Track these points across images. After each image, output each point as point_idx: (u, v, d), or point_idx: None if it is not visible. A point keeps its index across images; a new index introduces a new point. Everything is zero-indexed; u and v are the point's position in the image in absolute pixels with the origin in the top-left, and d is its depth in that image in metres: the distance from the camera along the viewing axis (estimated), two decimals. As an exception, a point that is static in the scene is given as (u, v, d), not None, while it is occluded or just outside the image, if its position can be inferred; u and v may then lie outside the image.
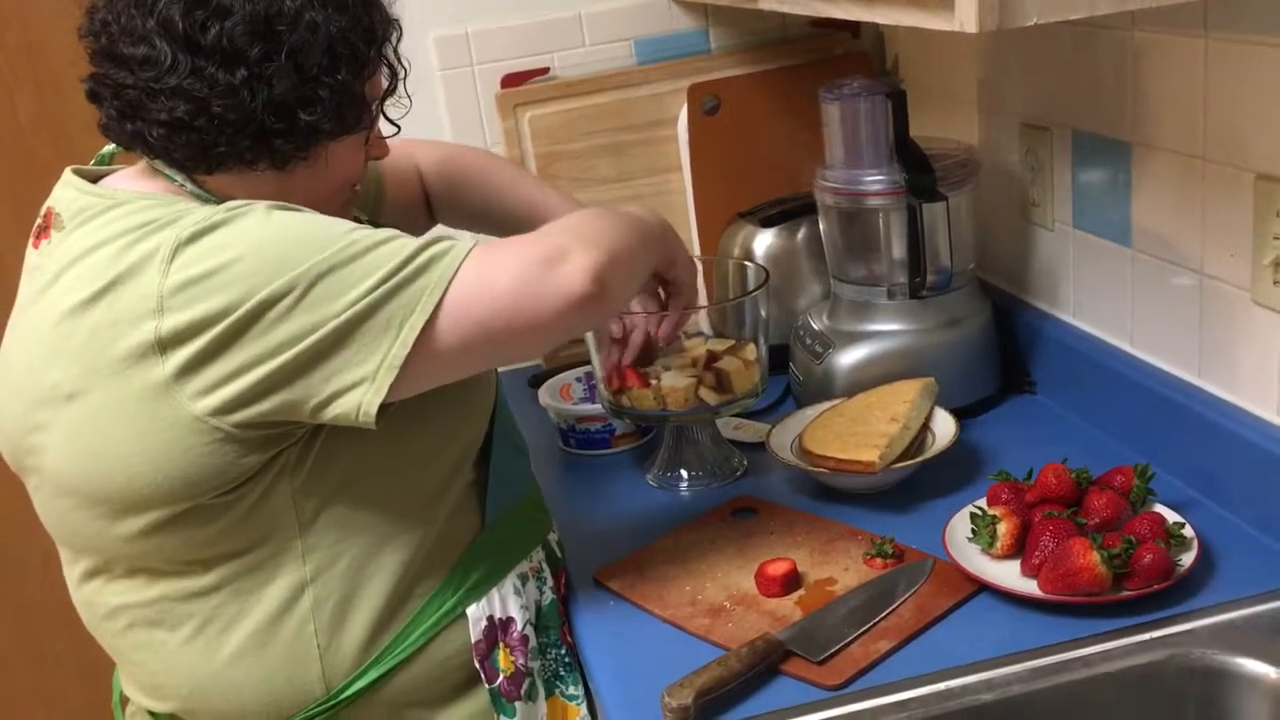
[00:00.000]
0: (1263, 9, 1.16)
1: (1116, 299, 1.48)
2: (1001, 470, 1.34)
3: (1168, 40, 1.30)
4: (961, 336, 1.61)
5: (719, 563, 1.34)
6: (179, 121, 1.09)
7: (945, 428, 1.47)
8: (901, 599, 1.23)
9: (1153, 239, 1.40)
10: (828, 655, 1.15)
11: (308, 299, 1.04)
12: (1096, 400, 1.51)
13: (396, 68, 1.21)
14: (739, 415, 1.60)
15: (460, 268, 1.07)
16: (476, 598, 1.23)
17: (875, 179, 1.57)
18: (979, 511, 1.27)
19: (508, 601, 1.25)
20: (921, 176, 1.53)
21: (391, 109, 1.23)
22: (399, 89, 1.22)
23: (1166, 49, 1.31)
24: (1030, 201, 1.62)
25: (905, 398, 1.48)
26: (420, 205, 1.56)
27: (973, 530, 1.26)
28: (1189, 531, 1.22)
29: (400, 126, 1.27)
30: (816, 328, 1.66)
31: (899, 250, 1.58)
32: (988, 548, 1.24)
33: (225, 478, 1.09)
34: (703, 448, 1.55)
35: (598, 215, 1.22)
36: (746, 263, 1.64)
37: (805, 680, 1.14)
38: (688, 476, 1.54)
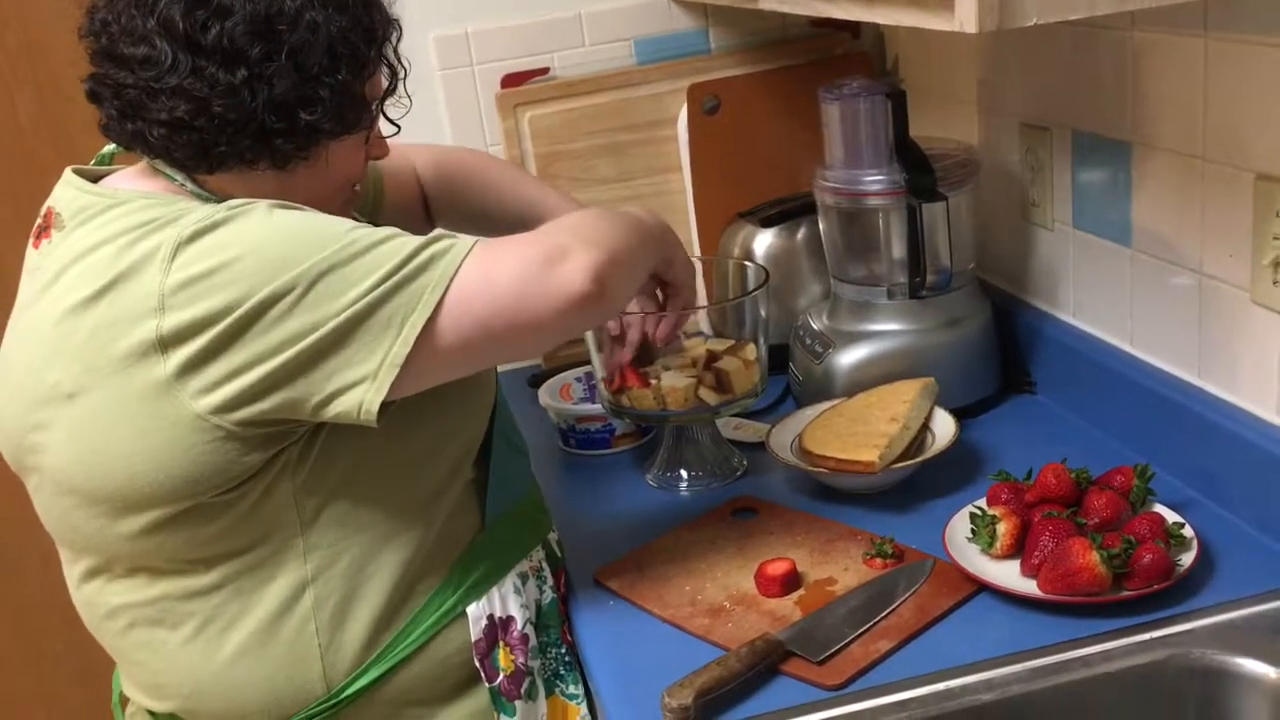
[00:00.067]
0: (1263, 9, 1.16)
1: (1116, 299, 1.48)
2: (1001, 470, 1.34)
3: (1167, 40, 1.30)
4: (961, 336, 1.61)
5: (719, 563, 1.34)
6: (179, 121, 1.09)
7: (945, 428, 1.47)
8: (901, 599, 1.23)
9: (1152, 239, 1.40)
10: (827, 655, 1.15)
11: (309, 297, 1.04)
12: (1096, 400, 1.51)
13: (397, 68, 1.21)
14: (739, 415, 1.60)
15: (461, 266, 1.08)
16: (477, 597, 1.23)
17: (875, 179, 1.57)
18: (979, 511, 1.27)
19: (508, 600, 1.25)
20: (921, 176, 1.53)
21: (391, 109, 1.23)
22: (399, 89, 1.22)
23: (1166, 49, 1.31)
24: (1030, 201, 1.62)
25: (905, 398, 1.48)
26: (418, 207, 1.56)
27: (972, 530, 1.26)
28: (1189, 531, 1.22)
29: (400, 126, 1.27)
30: (816, 328, 1.66)
31: (899, 250, 1.58)
32: (987, 548, 1.24)
33: (226, 476, 1.09)
34: (703, 448, 1.55)
35: (598, 215, 1.22)
36: (746, 263, 1.64)
37: (805, 680, 1.14)
38: (687, 476, 1.54)
